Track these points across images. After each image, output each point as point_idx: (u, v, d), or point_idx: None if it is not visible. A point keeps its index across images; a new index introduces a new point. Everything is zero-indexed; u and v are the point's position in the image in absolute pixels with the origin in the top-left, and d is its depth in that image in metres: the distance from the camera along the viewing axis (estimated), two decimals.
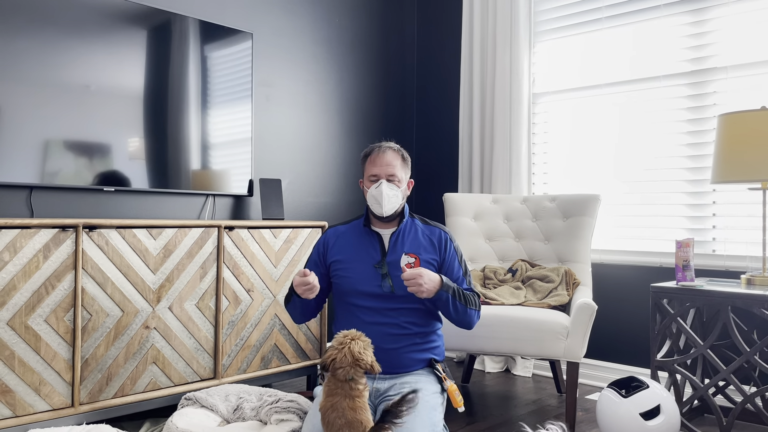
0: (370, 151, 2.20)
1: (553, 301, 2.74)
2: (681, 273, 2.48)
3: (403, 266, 2.08)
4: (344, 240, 2.22)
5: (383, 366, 2.06)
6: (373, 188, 2.13)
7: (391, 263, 2.14)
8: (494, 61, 3.59)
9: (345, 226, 2.27)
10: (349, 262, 2.17)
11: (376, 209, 2.14)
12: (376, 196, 2.12)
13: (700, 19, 2.99)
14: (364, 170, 2.21)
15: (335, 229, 2.27)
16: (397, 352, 2.09)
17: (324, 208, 3.65)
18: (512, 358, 3.48)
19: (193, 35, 2.96)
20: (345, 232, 2.24)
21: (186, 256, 2.54)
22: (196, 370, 2.58)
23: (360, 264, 2.16)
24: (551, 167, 3.53)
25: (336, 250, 2.21)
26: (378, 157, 2.17)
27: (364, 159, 2.22)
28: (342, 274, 2.17)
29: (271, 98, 3.40)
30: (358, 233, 2.22)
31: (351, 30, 3.81)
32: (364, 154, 2.23)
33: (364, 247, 2.18)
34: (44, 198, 2.59)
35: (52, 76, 2.53)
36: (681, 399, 2.54)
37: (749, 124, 2.41)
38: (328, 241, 2.24)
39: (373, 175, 2.16)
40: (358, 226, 2.24)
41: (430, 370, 2.15)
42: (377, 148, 2.19)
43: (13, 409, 2.10)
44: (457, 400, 2.06)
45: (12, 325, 2.10)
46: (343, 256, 2.19)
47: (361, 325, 2.08)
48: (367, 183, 2.18)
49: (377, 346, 2.05)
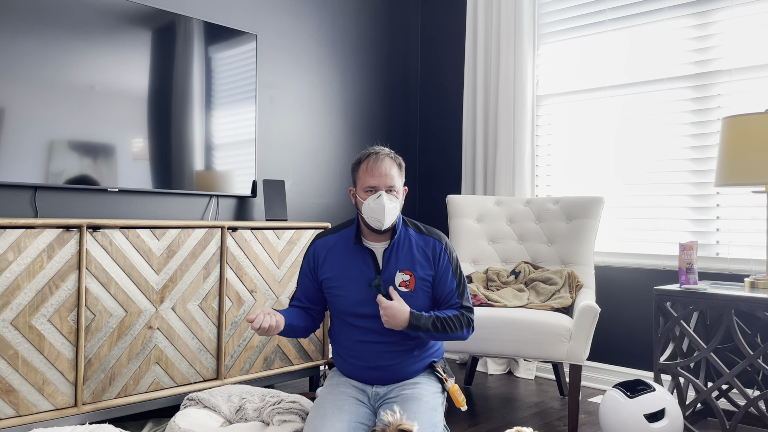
0: (363, 158, 1.99)
1: (556, 304, 2.74)
2: (684, 276, 2.48)
3: (398, 284, 1.98)
4: (334, 255, 2.05)
5: (383, 379, 2.03)
6: (372, 201, 1.93)
7: (385, 281, 1.99)
8: (498, 63, 3.59)
9: (334, 236, 2.09)
10: (342, 279, 2.02)
11: (375, 224, 1.95)
12: (376, 210, 1.93)
13: (704, 22, 2.98)
14: (357, 179, 2.00)
15: (324, 241, 2.09)
16: (395, 367, 2.04)
17: (327, 209, 3.65)
18: (515, 360, 3.47)
19: (197, 36, 2.97)
20: (335, 246, 2.06)
21: (189, 256, 2.55)
22: (198, 371, 2.59)
23: (353, 282, 2.01)
24: (555, 169, 3.53)
25: (327, 266, 2.05)
26: (376, 167, 1.95)
27: (356, 166, 2.01)
28: (336, 293, 2.04)
29: (275, 99, 3.40)
30: (348, 247, 2.05)
31: (355, 32, 3.81)
32: (356, 161, 2.01)
33: (357, 265, 2.02)
34: (48, 198, 2.60)
35: (56, 77, 2.54)
36: (684, 402, 2.53)
37: (753, 127, 2.40)
38: (318, 256, 2.08)
39: (370, 187, 1.95)
40: (349, 240, 2.05)
41: (431, 371, 2.12)
42: (373, 155, 1.97)
43: (16, 409, 2.11)
44: (459, 399, 2.02)
45: (16, 325, 2.10)
46: (334, 273, 2.04)
47: (358, 344, 2.03)
48: (363, 194, 1.97)
49: (375, 364, 2.02)
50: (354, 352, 2.05)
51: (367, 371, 2.04)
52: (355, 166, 2.02)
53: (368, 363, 2.04)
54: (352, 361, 2.06)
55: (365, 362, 2.04)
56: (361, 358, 2.04)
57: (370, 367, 2.04)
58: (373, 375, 2.04)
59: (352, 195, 2.04)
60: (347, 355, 2.07)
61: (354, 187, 2.03)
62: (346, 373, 2.11)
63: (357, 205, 2.01)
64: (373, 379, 2.05)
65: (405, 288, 2.00)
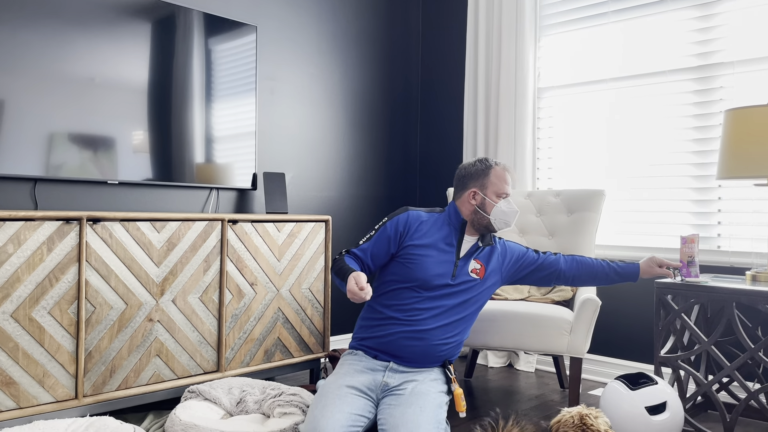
0: (493, 165, 2.26)
1: (557, 297, 2.73)
2: (686, 269, 2.47)
3: (470, 271, 2.21)
4: (426, 228, 2.24)
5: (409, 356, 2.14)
6: (504, 205, 2.21)
7: (462, 266, 2.22)
8: (499, 55, 3.57)
9: (426, 214, 2.29)
10: (429, 249, 2.20)
11: (500, 225, 2.23)
12: (509, 214, 2.22)
13: (707, 14, 2.96)
14: (489, 183, 2.24)
15: (417, 214, 2.28)
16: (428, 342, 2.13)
17: (328, 202, 3.65)
18: (515, 353, 3.48)
19: (197, 28, 2.95)
20: (427, 221, 2.26)
21: (190, 249, 2.54)
22: (199, 363, 2.59)
23: (438, 255, 2.20)
24: (556, 162, 3.52)
25: (418, 236, 2.23)
26: (507, 176, 2.25)
27: (486, 171, 2.25)
28: (418, 261, 2.19)
29: (275, 92, 3.39)
30: (439, 227, 2.25)
31: (356, 23, 3.79)
32: (485, 167, 2.26)
33: (444, 243, 2.23)
34: (48, 190, 2.59)
35: (56, 69, 2.53)
36: (684, 395, 2.53)
37: (756, 119, 2.39)
38: (411, 223, 2.25)
39: (505, 193, 2.23)
40: (441, 221, 2.27)
41: (441, 370, 2.19)
42: (502, 165, 2.27)
43: (17, 401, 2.11)
44: (462, 405, 2.10)
45: (16, 317, 2.10)
46: (424, 242, 2.21)
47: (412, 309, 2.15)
48: (494, 197, 2.22)
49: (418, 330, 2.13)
50: (405, 319, 2.14)
51: (402, 341, 2.12)
52: (484, 170, 2.26)
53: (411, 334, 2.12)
54: (394, 329, 2.14)
55: (410, 331, 2.12)
56: (408, 324, 2.13)
57: (408, 337, 2.12)
58: (405, 349, 2.13)
59: (476, 196, 2.24)
60: (394, 322, 2.15)
61: (478, 189, 2.24)
62: (375, 343, 2.17)
63: (483, 205, 2.23)
64: (400, 353, 2.13)
65: (475, 275, 2.22)
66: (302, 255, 2.94)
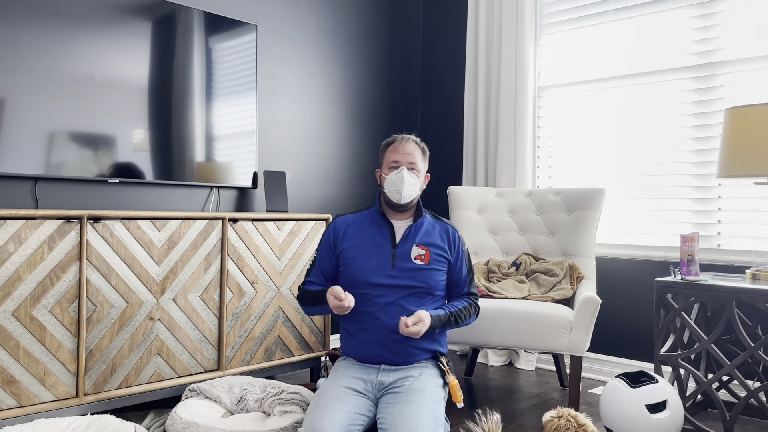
0: (392, 141, 2.23)
1: (557, 295, 2.74)
2: (686, 267, 2.47)
3: (414, 258, 2.14)
4: (354, 229, 2.23)
5: (392, 357, 2.11)
6: (393, 174, 2.15)
7: (401, 253, 2.15)
8: (499, 54, 3.57)
9: (354, 215, 2.28)
10: (360, 248, 2.18)
11: (394, 196, 2.15)
12: (396, 182, 2.13)
13: (707, 12, 2.96)
14: (384, 158, 2.22)
15: (344, 218, 2.28)
16: (405, 341, 2.10)
17: (328, 200, 3.65)
18: (515, 351, 3.48)
19: (197, 27, 2.96)
20: (354, 222, 2.25)
21: (190, 248, 2.55)
22: (200, 362, 2.59)
23: (370, 250, 2.17)
24: (556, 161, 3.52)
25: (347, 239, 2.22)
26: (400, 146, 2.19)
27: (384, 148, 2.24)
28: (352, 262, 2.17)
29: (275, 90, 3.39)
30: (368, 223, 2.23)
31: (356, 22, 3.79)
32: (385, 144, 2.24)
33: (375, 237, 2.20)
34: (49, 189, 2.60)
35: (57, 68, 2.53)
36: (684, 393, 2.53)
37: (756, 118, 2.39)
38: (338, 230, 2.25)
39: (394, 161, 2.17)
40: (369, 216, 2.25)
41: (434, 363, 2.17)
42: (400, 138, 2.22)
43: (18, 399, 2.11)
44: (458, 395, 2.07)
45: (17, 316, 2.11)
46: (352, 244, 2.20)
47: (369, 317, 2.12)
48: (386, 170, 2.19)
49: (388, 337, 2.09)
50: (367, 325, 2.12)
51: (378, 348, 2.11)
52: (384, 147, 2.24)
53: (379, 337, 2.10)
54: (364, 337, 2.12)
55: (377, 335, 2.10)
56: (373, 331, 2.11)
57: (380, 342, 2.10)
58: (383, 352, 2.10)
59: (379, 176, 2.23)
60: (360, 330, 2.14)
61: (380, 169, 2.23)
62: (355, 353, 2.16)
63: (381, 182, 2.21)
64: (382, 357, 2.11)
65: (420, 261, 2.15)
66: (303, 253, 2.95)
